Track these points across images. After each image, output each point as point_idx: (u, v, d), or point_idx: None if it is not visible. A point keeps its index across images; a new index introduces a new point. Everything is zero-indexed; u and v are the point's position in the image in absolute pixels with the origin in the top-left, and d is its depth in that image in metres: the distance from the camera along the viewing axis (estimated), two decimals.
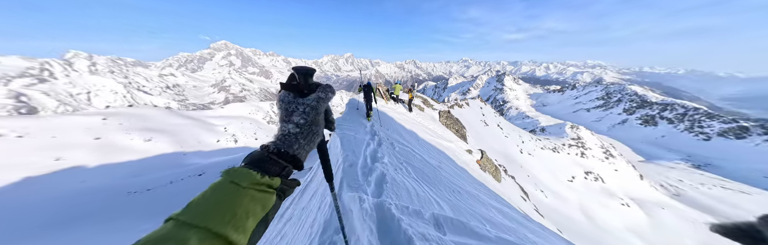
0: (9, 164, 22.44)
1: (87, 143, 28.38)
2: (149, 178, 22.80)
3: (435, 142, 6.75)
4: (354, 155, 3.11)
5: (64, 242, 13.25)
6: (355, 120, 5.79)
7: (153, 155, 29.54)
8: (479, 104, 27.69)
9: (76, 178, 22.49)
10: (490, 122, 24.85)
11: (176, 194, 19.48)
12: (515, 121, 59.56)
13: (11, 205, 17.16)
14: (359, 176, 2.37)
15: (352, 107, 7.39)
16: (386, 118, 6.95)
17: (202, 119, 41.85)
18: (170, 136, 34.00)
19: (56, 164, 24.06)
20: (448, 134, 9.65)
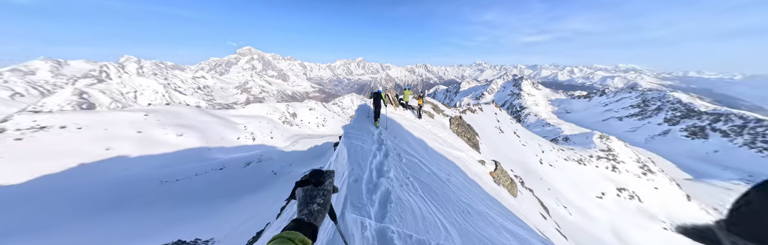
0: (69, 152, 26.39)
1: (131, 136, 32.34)
2: (178, 169, 25.35)
3: (445, 151, 6.37)
4: (360, 168, 2.98)
5: (112, 220, 15.33)
6: (364, 128, 5.68)
7: (183, 148, 32.80)
8: (494, 109, 26.51)
9: (120, 166, 25.88)
10: (506, 128, 23.58)
11: (200, 185, 21.54)
12: (534, 128, 55.46)
13: (70, 187, 20.20)
14: (364, 193, 2.26)
15: (362, 114, 7.20)
16: (394, 125, 6.70)
17: (225, 118, 45.44)
18: (198, 132, 37.38)
19: (106, 153, 27.82)
20: (459, 143, 8.94)
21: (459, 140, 9.72)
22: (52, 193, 19.25)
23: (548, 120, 62.25)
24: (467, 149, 8.72)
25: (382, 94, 6.72)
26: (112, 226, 14.74)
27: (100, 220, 15.67)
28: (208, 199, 18.79)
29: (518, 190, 8.81)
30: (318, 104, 68.42)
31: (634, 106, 76.38)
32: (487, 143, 15.65)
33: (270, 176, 24.06)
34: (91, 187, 20.08)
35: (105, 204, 18.02)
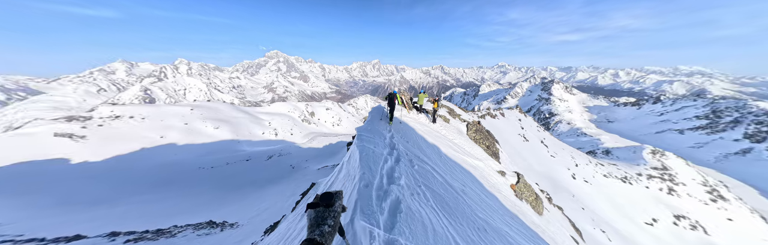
0: (133, 137, 31.96)
1: (179, 127, 37.84)
2: (213, 158, 29.09)
3: (460, 159, 5.92)
4: (371, 173, 2.92)
5: (161, 199, 18.28)
6: (376, 131, 5.58)
7: (218, 140, 37.33)
8: (517, 115, 24.38)
9: (170, 152, 30.67)
10: (531, 137, 21.31)
11: (229, 173, 24.48)
12: (566, 138, 49.64)
13: (134, 167, 24.60)
14: (373, 199, 2.20)
15: (375, 116, 7.08)
16: (407, 129, 6.45)
17: (253, 114, 50.14)
18: (231, 126, 42.02)
19: (160, 140, 33.13)
20: (476, 151, 8.28)
21: (476, 147, 9.02)
22: (121, 171, 23.75)
23: (584, 130, 55.15)
24: (485, 158, 8.01)
25: (397, 95, 6.89)
26: (162, 203, 17.48)
27: (153, 198, 18.73)
28: (235, 187, 21.08)
29: (544, 207, 7.60)
30: (334, 105, 71.46)
31: (700, 117, 62.19)
32: (508, 152, 14.22)
33: (288, 169, 25.96)
34: (149, 169, 24.36)
35: (157, 183, 21.67)
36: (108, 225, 12.64)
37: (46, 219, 14.14)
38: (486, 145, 10.24)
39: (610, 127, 70.28)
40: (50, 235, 11.08)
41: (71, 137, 28.68)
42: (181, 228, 11.35)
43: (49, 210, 15.91)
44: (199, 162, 27.09)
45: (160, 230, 11.13)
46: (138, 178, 22.50)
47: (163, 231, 10.89)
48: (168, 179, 22.57)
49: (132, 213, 15.71)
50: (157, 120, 37.47)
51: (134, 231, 10.99)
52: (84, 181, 21.28)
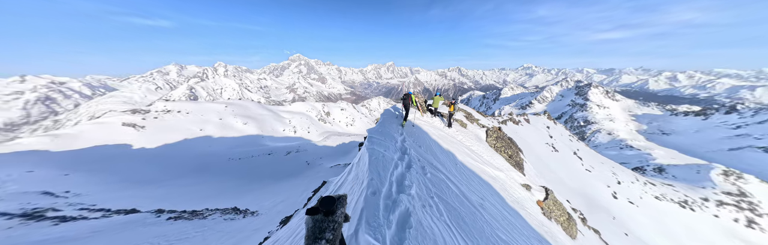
0: (177, 129, 37.00)
1: (215, 122, 42.80)
2: (241, 151, 32.26)
3: (478, 168, 5.38)
4: (379, 179, 2.73)
5: (196, 183, 20.83)
6: (387, 134, 5.28)
7: (245, 134, 41.36)
8: (545, 121, 22.10)
9: (207, 143, 34.90)
10: (562, 147, 18.95)
11: (253, 165, 26.95)
12: (606, 151, 43.31)
13: (177, 154, 28.47)
14: (381, 209, 2.03)
15: (387, 119, 6.76)
16: (420, 133, 6.07)
17: (276, 112, 54.25)
18: (257, 122, 46.11)
19: (200, 132, 37.89)
20: (497, 160, 7.49)
21: (497, 156, 8.17)
22: (168, 157, 27.83)
23: (630, 142, 46.97)
24: (507, 169, 7.21)
25: (412, 95, 6.76)
26: (197, 187, 19.85)
27: (190, 182, 21.41)
28: (257, 178, 23.01)
29: (578, 230, 6.65)
30: (348, 105, 73.74)
31: None
32: (533, 163, 12.59)
33: (304, 165, 27.51)
34: (189, 157, 28.13)
35: (195, 169, 24.89)
36: (156, 203, 14.73)
37: (112, 193, 17.05)
38: (508, 154, 9.12)
39: (665, 140, 58.99)
40: (114, 207, 13.30)
41: (134, 127, 34.39)
42: (211, 211, 12.64)
43: (115, 185, 19.20)
44: (229, 154, 30.30)
45: (195, 211, 12.54)
46: (180, 164, 26.11)
47: (197, 213, 12.26)
48: (203, 167, 25.76)
49: (173, 193, 18.12)
50: (198, 115, 42.79)
51: (175, 210, 12.56)
52: (140, 164, 25.36)
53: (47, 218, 10.66)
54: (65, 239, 8.93)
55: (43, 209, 12.03)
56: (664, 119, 71.44)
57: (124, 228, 9.94)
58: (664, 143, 54.07)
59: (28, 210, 11.62)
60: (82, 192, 16.72)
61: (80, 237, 9.15)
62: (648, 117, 74.68)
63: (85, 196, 15.84)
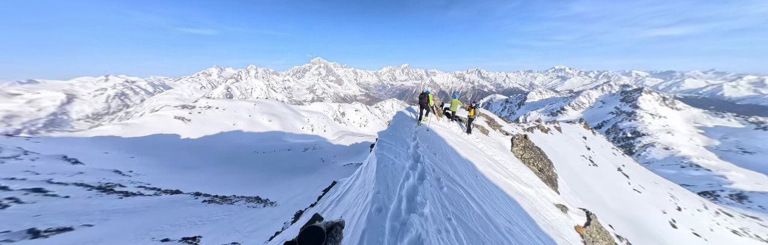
0: (215, 123, 41.98)
1: (245, 118, 47.60)
2: (265, 145, 35.35)
3: (502, 183, 4.68)
4: (387, 192, 2.41)
5: (226, 172, 23.32)
6: (399, 138, 4.84)
7: (269, 130, 45.18)
8: (581, 130, 19.54)
9: (238, 137, 39.08)
10: (603, 161, 16.36)
11: (275, 159, 29.35)
12: (662, 169, 36.20)
13: (214, 145, 32.29)
14: (386, 234, 1.69)
15: (400, 121, 6.40)
16: (435, 138, 5.46)
17: (297, 111, 58.02)
18: (280, 120, 49.96)
19: (233, 126, 42.56)
20: (524, 173, 6.54)
21: (525, 169, 7.11)
22: (206, 147, 31.87)
23: (696, 160, 38.30)
24: (538, 185, 6.17)
25: (429, 95, 6.58)
26: (227, 176, 22.23)
27: (222, 170, 24.10)
28: (278, 171, 24.85)
29: None
30: (363, 107, 75.38)
31: None
32: (566, 178, 10.84)
33: (319, 162, 28.88)
34: (223, 148, 31.82)
35: (226, 159, 28.07)
36: (195, 186, 16.80)
37: (163, 176, 19.99)
38: (538, 167, 7.92)
39: (747, 160, 46.81)
40: (163, 187, 15.50)
41: (182, 120, 40.10)
42: (238, 198, 13.89)
43: (165, 169, 22.53)
44: (255, 147, 33.47)
45: (225, 197, 13.93)
46: (216, 154, 29.67)
47: (226, 198, 13.59)
48: (234, 158, 28.88)
49: (209, 179, 20.53)
50: (232, 111, 47.96)
51: (209, 195, 14.11)
52: (185, 152, 29.43)
53: (115, 192, 12.87)
54: (126, 211, 10.63)
55: (113, 184, 14.59)
56: (745, 133, 57.06)
57: (170, 206, 11.50)
58: (745, 163, 42.85)
59: (102, 184, 14.18)
60: (142, 172, 19.93)
61: (136, 210, 10.81)
62: (722, 131, 60.29)
63: (144, 176, 18.83)
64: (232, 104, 50.29)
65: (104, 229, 8.62)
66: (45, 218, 8.95)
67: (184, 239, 8.13)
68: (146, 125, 35.95)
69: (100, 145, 26.19)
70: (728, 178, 30.10)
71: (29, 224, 8.35)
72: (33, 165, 15.13)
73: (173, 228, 9.16)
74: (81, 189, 12.15)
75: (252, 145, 34.88)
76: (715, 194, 22.64)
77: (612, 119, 69.49)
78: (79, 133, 31.28)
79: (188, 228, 9.39)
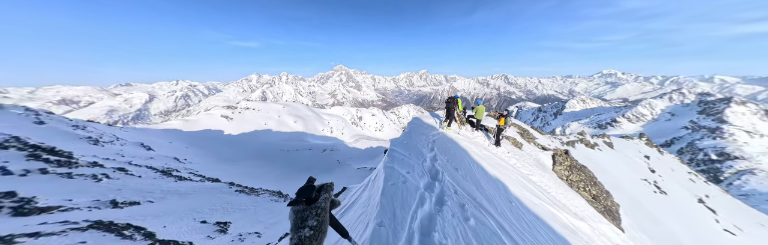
0: (252, 122, 47.64)
1: (275, 118, 53.06)
2: (289, 144, 38.55)
3: (546, 213, 3.64)
4: (393, 224, 1.75)
5: (256, 165, 25.90)
6: (414, 147, 4.11)
7: (294, 131, 49.33)
8: (642, 148, 15.96)
9: (268, 134, 43.65)
10: (674, 188, 12.88)
11: (297, 157, 31.84)
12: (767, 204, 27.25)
13: (248, 141, 36.50)
14: None
15: (415, 129, 5.61)
16: (457, 150, 4.61)
17: (319, 114, 62.20)
18: (303, 121, 54.13)
19: (264, 126, 47.80)
20: (572, 200, 5.14)
21: (573, 194, 5.69)
22: (243, 143, 36.30)
23: None
24: (592, 217, 4.65)
25: (458, 100, 6.24)
26: (256, 169, 24.68)
27: (252, 164, 26.91)
28: (298, 169, 26.62)
29: None
30: (379, 112, 76.71)
31: None
32: (625, 209, 8.15)
33: (335, 163, 30.04)
34: (256, 144, 35.80)
35: (257, 154, 31.42)
36: (231, 177, 18.97)
37: (208, 165, 23.23)
38: (591, 194, 6.29)
39: None
40: (207, 175, 17.86)
41: (227, 118, 46.77)
42: (264, 191, 15.09)
43: (210, 159, 26.22)
44: (281, 145, 36.79)
45: (253, 188, 15.29)
46: (249, 149, 33.52)
47: (254, 190, 14.88)
48: (263, 154, 32.20)
49: (241, 171, 23.04)
50: (265, 112, 53.93)
51: (241, 185, 15.68)
52: (226, 146, 33.97)
53: (173, 176, 15.29)
54: (179, 192, 12.46)
55: (172, 169, 17.43)
56: None
57: (210, 192, 13.12)
58: None
59: (165, 168, 17.05)
60: (193, 161, 23.49)
61: (185, 192, 12.58)
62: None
63: (194, 164, 22.14)
64: (265, 106, 56.71)
65: (161, 206, 10.24)
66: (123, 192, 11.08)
67: (217, 223, 9.08)
68: (200, 122, 42.86)
69: (166, 136, 32.03)
70: None
71: (112, 195, 10.43)
72: (121, 149, 19.26)
73: (210, 211, 10.36)
74: (150, 171, 14.85)
75: (278, 143, 38.37)
76: None
77: (686, 135, 54.38)
78: (154, 126, 38.97)
79: (222, 213, 10.49)
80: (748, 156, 43.76)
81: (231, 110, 50.74)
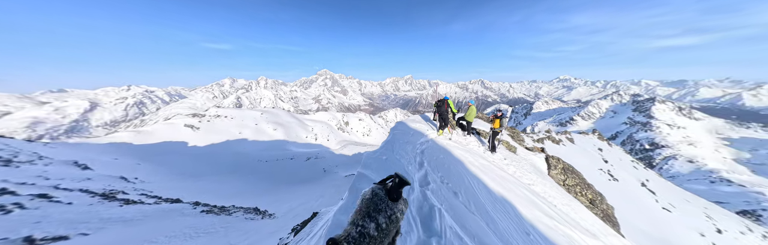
0: (223, 131, 42.95)
1: (251, 126, 48.73)
2: (269, 153, 35.28)
3: (563, 238, 2.85)
4: None
5: (229, 180, 22.91)
6: (395, 164, 3.26)
7: (274, 139, 45.61)
8: (596, 141, 18.36)
9: (243, 145, 39.43)
10: (623, 176, 15.05)
11: (278, 169, 28.95)
12: (689, 184, 33.93)
13: (220, 153, 32.47)
14: None
15: (396, 139, 4.66)
16: (452, 162, 3.73)
17: (302, 120, 59.20)
18: (285, 129, 50.77)
19: (239, 135, 43.32)
20: (579, 210, 4.55)
21: (575, 202, 5.10)
22: (211, 155, 32.04)
23: (727, 174, 35.96)
24: (603, 231, 4.04)
25: (449, 101, 5.53)
26: (228, 184, 21.77)
27: (223, 179, 23.70)
28: (279, 181, 24.23)
29: None
30: (366, 116, 76.40)
31: None
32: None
33: (320, 172, 28.16)
34: (227, 156, 31.81)
35: (229, 168, 27.80)
36: (195, 195, 16.45)
37: (166, 183, 19.84)
38: (588, 198, 5.86)
39: None
40: (164, 195, 15.26)
41: (192, 128, 41.41)
42: (237, 209, 13.40)
43: (170, 176, 22.45)
44: (259, 156, 33.37)
45: (223, 207, 13.47)
46: (219, 162, 29.60)
47: (225, 209, 13.13)
48: (236, 166, 28.64)
49: (210, 187, 20.11)
50: (239, 120, 49.43)
51: (208, 204, 13.71)
52: (190, 160, 29.60)
53: (117, 199, 12.73)
54: (123, 219, 10.35)
55: (117, 191, 14.52)
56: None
57: (166, 216, 11.14)
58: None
59: (106, 191, 14.15)
60: (146, 179, 19.90)
61: (134, 218, 10.51)
62: (751, 142, 56.56)
63: (147, 183, 18.75)
64: (240, 113, 52.10)
65: (99, 239, 8.32)
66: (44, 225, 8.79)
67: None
68: (156, 133, 37.17)
69: (111, 151, 26.90)
70: (766, 194, 27.03)
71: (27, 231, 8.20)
72: (45, 170, 15.50)
73: (167, 239, 8.74)
74: (84, 196, 12.13)
75: (256, 153, 34.86)
76: (757, 214, 19.97)
77: (626, 129, 66.78)
78: (95, 139, 32.52)
79: (182, 240, 8.94)
80: (671, 145, 54.23)
81: (197, 119, 45.33)
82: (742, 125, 64.69)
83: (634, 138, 60.45)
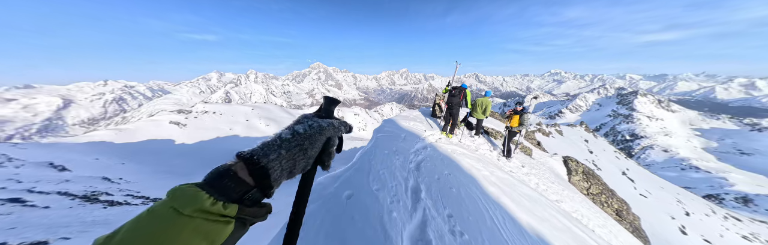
0: (212, 128, 41.50)
1: (242, 122, 47.22)
2: None
3: None
4: None
5: None
6: (380, 182, 2.09)
7: (266, 135, 44.39)
8: (583, 133, 19.32)
9: (234, 141, 38.41)
10: (606, 165, 16.07)
11: None
12: (663, 172, 36.47)
13: (209, 150, 31.61)
14: None
15: (386, 141, 3.22)
16: (461, 183, 2.46)
17: (295, 115, 57.86)
18: (278, 124, 49.59)
19: (229, 131, 42.02)
20: (618, 233, 3.81)
21: (612, 222, 4.18)
22: (201, 152, 31.12)
23: (696, 162, 38.83)
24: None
25: (467, 91, 4.13)
26: None
27: None
28: None
29: None
30: (362, 111, 75.61)
31: None
32: None
33: None
34: (218, 153, 31.00)
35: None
36: None
37: (154, 182, 19.28)
38: (615, 207, 4.94)
39: (745, 161, 47.16)
40: (152, 195, 14.88)
41: (178, 125, 39.59)
42: None
43: (157, 175, 21.78)
44: None
45: None
46: (209, 160, 28.88)
47: None
48: None
49: None
50: (229, 116, 47.67)
51: None
52: (178, 158, 28.67)
53: (100, 201, 12.26)
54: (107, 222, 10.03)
55: (100, 192, 13.97)
56: (741, 135, 57.75)
57: None
58: (744, 165, 43.03)
59: (88, 193, 13.57)
60: (132, 179, 19.22)
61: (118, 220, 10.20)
62: (719, 132, 61.01)
63: (133, 183, 18.13)
64: (229, 109, 50.06)
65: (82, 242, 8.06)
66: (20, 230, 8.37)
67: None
68: (140, 131, 35.39)
69: (91, 151, 25.49)
70: (729, 180, 30.01)
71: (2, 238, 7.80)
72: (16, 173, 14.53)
73: None
74: (63, 199, 11.57)
75: None
76: (720, 197, 22.34)
77: (610, 121, 70.60)
78: (72, 138, 30.59)
79: None
80: (649, 135, 58.22)
81: (184, 115, 43.24)
82: (713, 116, 69.21)
83: (617, 130, 64.30)
